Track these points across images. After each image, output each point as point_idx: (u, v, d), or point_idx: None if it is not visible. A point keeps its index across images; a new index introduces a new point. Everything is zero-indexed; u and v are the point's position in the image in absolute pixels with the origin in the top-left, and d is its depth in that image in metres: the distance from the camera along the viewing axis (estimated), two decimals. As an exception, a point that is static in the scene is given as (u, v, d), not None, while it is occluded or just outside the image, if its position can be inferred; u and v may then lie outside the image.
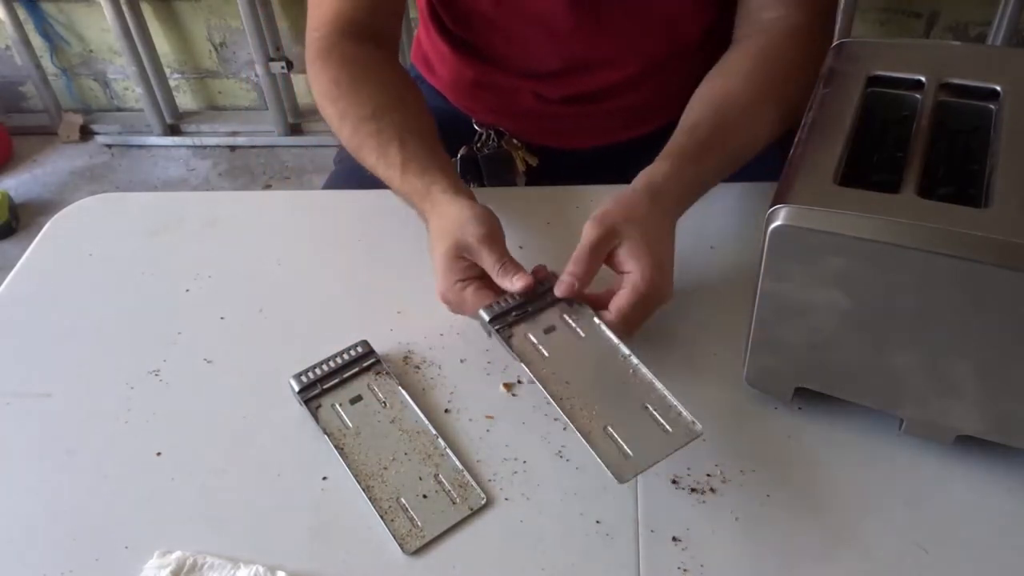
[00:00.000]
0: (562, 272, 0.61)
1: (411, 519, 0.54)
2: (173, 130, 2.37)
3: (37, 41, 2.28)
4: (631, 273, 0.59)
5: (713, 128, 0.69)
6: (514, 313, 0.60)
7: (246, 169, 2.28)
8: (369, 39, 0.80)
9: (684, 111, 0.72)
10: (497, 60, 0.89)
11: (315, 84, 0.79)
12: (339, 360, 0.63)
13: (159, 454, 0.59)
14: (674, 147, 0.68)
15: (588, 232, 0.60)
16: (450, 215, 0.64)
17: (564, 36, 0.84)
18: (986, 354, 0.49)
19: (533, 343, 0.59)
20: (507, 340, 0.59)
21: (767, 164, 0.71)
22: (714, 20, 0.84)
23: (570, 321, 0.60)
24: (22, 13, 2.21)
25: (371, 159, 0.72)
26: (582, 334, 0.59)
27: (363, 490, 0.56)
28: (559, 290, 0.60)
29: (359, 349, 0.64)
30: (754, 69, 0.73)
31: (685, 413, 0.54)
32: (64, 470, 0.59)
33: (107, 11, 2.09)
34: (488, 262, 0.61)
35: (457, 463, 0.57)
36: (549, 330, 0.60)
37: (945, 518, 0.52)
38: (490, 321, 0.59)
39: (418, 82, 0.99)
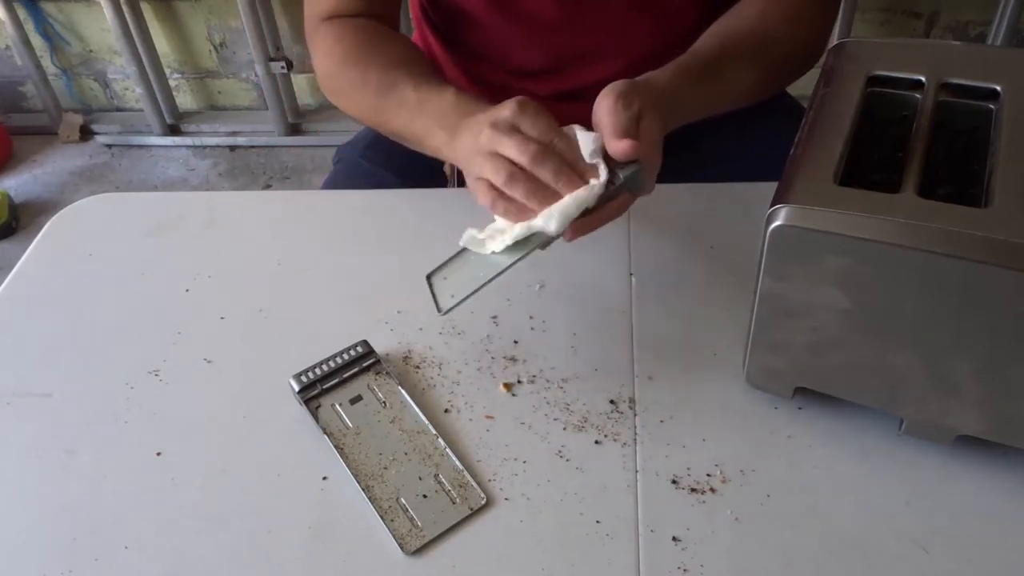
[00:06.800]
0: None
1: (411, 519, 0.54)
2: (173, 130, 2.37)
3: (37, 41, 2.29)
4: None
5: (716, 53, 0.71)
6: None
7: (246, 169, 2.28)
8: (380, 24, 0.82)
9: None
10: (488, 58, 0.89)
11: (324, 53, 0.81)
12: (339, 360, 0.63)
13: (159, 454, 0.59)
14: (673, 63, 0.69)
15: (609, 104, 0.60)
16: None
17: (550, 31, 0.84)
18: (986, 354, 0.49)
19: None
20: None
21: (767, 164, 0.71)
22: (708, 11, 0.84)
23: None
24: (22, 13, 2.21)
25: (392, 107, 0.73)
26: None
27: (363, 490, 0.56)
28: (623, 154, 0.59)
29: (359, 349, 0.64)
30: (764, 11, 0.76)
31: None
32: (64, 470, 0.59)
33: (107, 11, 2.09)
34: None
35: (457, 463, 0.57)
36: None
37: (945, 518, 0.52)
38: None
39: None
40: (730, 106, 0.73)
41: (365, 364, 0.64)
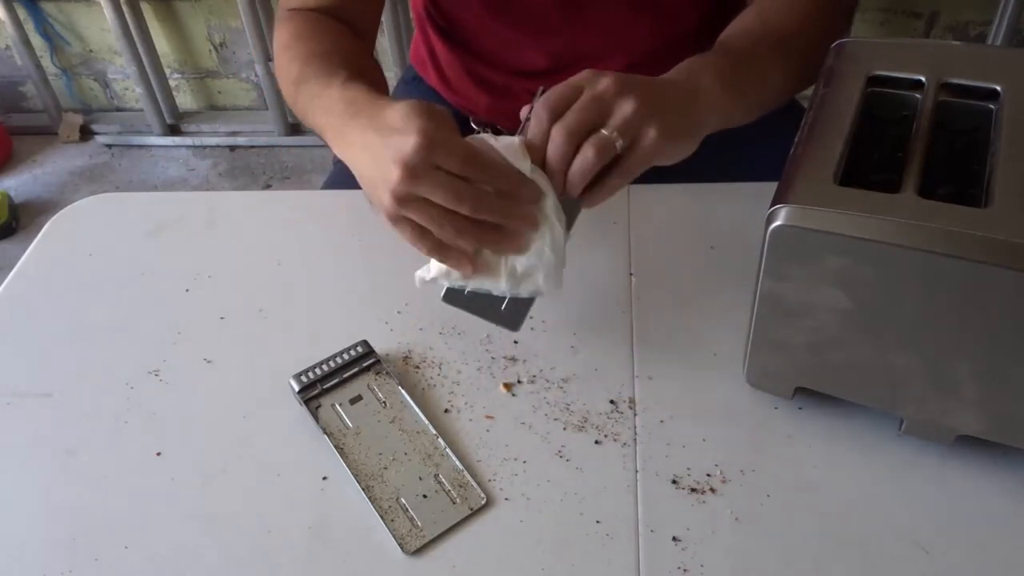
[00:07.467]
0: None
1: (411, 519, 0.54)
2: (173, 130, 2.37)
3: (37, 41, 2.29)
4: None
5: (751, 48, 0.68)
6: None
7: (246, 169, 2.28)
8: (339, 22, 0.81)
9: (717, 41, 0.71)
10: (489, 59, 0.90)
11: (276, 42, 0.79)
12: (339, 360, 0.63)
13: (159, 454, 0.59)
14: (711, 50, 0.67)
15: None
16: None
17: (550, 32, 0.84)
18: (986, 354, 0.49)
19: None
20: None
21: (767, 164, 0.71)
22: (709, 12, 0.84)
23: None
24: (22, 13, 2.21)
25: (306, 97, 0.70)
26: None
27: (363, 490, 0.56)
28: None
29: (359, 349, 0.64)
30: (784, 6, 0.74)
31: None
32: (64, 470, 0.59)
33: (107, 11, 2.09)
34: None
35: (457, 463, 0.57)
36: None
37: (945, 518, 0.52)
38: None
39: (416, 83, 1.00)
40: (764, 107, 0.70)
41: (365, 364, 0.64)
